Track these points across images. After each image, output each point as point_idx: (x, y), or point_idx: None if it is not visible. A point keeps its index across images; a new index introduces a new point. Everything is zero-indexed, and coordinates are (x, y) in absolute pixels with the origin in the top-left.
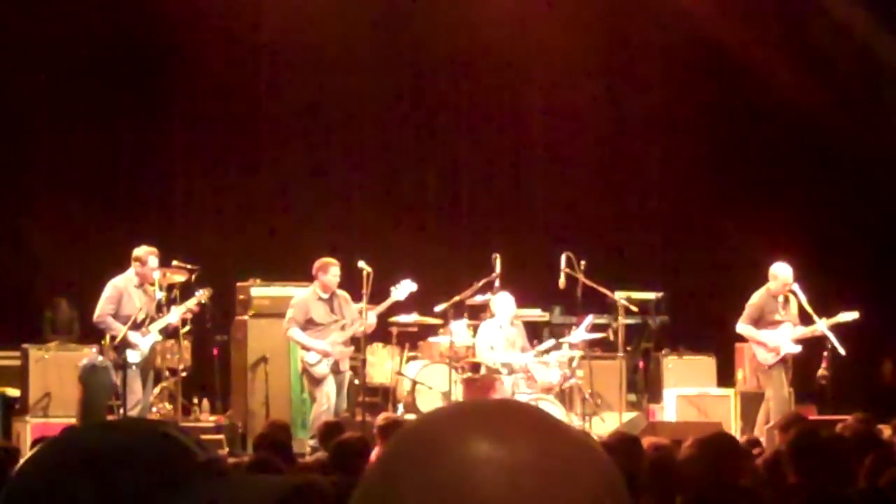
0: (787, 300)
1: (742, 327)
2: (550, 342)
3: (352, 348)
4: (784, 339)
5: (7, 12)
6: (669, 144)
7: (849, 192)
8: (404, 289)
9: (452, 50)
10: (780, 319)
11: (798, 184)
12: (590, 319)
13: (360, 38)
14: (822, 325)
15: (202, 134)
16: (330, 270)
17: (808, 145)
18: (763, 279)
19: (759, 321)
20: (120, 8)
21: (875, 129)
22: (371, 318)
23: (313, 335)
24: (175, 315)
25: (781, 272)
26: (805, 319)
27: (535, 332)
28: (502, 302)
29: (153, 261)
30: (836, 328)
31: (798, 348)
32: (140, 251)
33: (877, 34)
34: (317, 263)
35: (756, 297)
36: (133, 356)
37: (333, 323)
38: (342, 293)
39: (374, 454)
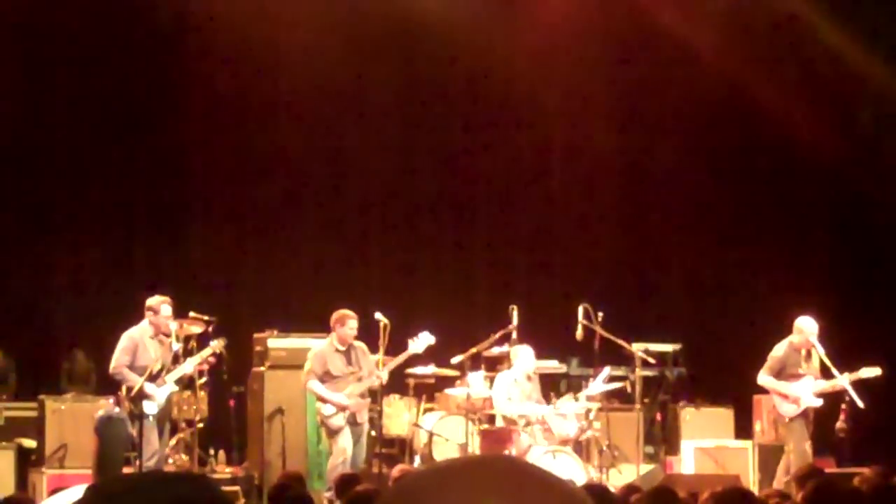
0: (809, 354)
1: (764, 378)
2: (568, 398)
3: (368, 400)
4: (806, 391)
5: (19, 68)
6: (688, 195)
7: (872, 245)
8: (422, 342)
9: (469, 99)
10: (802, 373)
11: (820, 236)
12: (607, 371)
13: (377, 88)
14: (844, 381)
15: (218, 184)
16: (347, 323)
17: (832, 196)
18: (782, 332)
19: (781, 374)
20: (134, 67)
21: None
22: (384, 375)
23: (330, 387)
24: (190, 365)
25: (806, 326)
26: (825, 373)
27: (552, 383)
28: (523, 355)
29: (166, 309)
30: (857, 383)
31: (819, 402)
32: (153, 300)
33: (892, 80)
34: (334, 316)
35: (779, 350)
36: (149, 407)
37: (350, 375)
38: (360, 344)
39: None
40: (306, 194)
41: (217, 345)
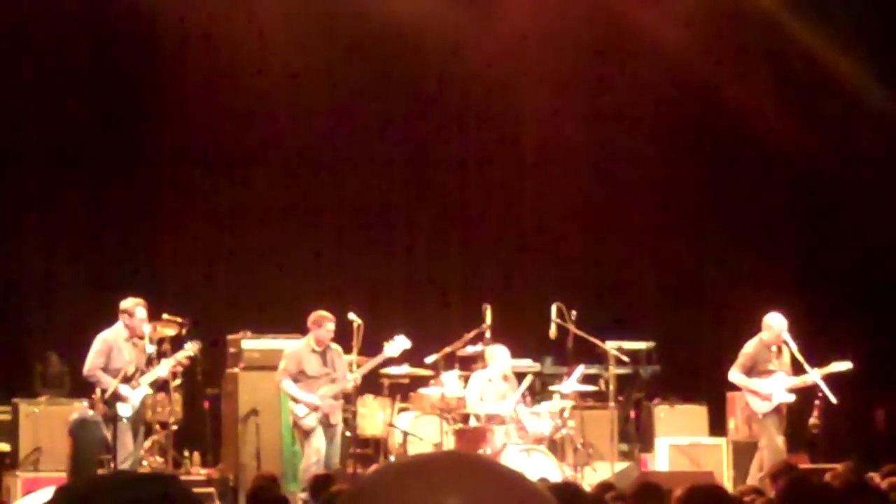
0: (780, 350)
1: (735, 376)
2: (528, 380)
3: (341, 402)
4: (777, 388)
5: None
6: (661, 193)
7: (842, 241)
8: (398, 345)
9: (441, 98)
10: (773, 369)
11: (791, 233)
12: (581, 370)
13: (350, 88)
14: (815, 375)
15: (191, 186)
16: (324, 325)
17: (800, 194)
18: (754, 329)
19: (752, 370)
20: (106, 63)
21: (866, 180)
22: (357, 378)
23: (304, 387)
24: (165, 368)
25: (775, 322)
26: (797, 369)
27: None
28: (498, 354)
29: (141, 312)
30: (829, 377)
31: (792, 397)
32: (127, 303)
33: (862, 80)
34: (312, 316)
35: (750, 347)
36: (124, 410)
37: (324, 376)
38: (335, 347)
39: None
40: (280, 195)
41: (192, 348)
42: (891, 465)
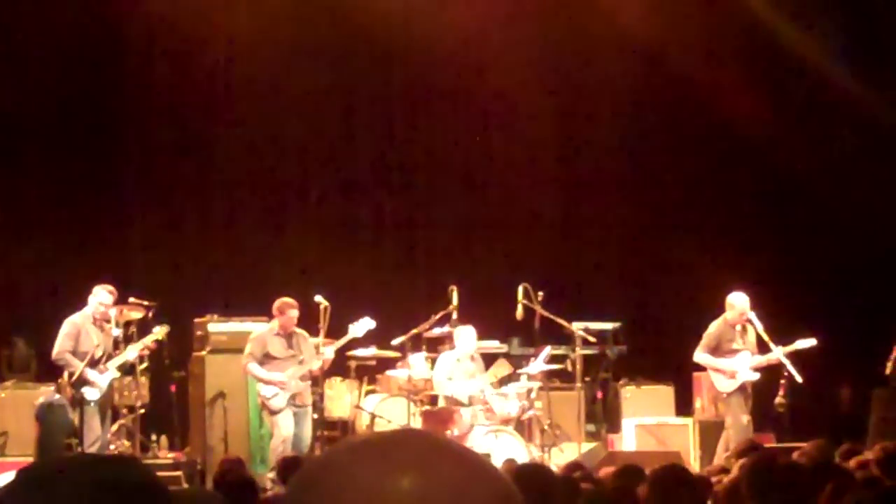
0: (744, 329)
1: (699, 356)
2: (505, 365)
3: (308, 382)
4: (742, 366)
5: None
6: (627, 175)
7: (803, 220)
8: (362, 326)
9: (406, 80)
10: (738, 348)
11: (754, 212)
12: (548, 350)
13: (313, 69)
14: (779, 353)
15: (157, 169)
16: (287, 312)
17: (764, 175)
18: (720, 309)
19: (717, 350)
20: (74, 47)
21: (829, 161)
22: (328, 353)
23: (271, 369)
24: (133, 352)
25: (738, 301)
26: (763, 348)
27: (492, 363)
28: (464, 335)
29: (108, 297)
30: (794, 355)
31: (756, 375)
32: (97, 288)
33: (834, 70)
34: (276, 304)
35: (713, 327)
36: (91, 393)
37: (291, 358)
38: (300, 331)
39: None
40: (246, 177)
41: (160, 331)
42: (848, 445)
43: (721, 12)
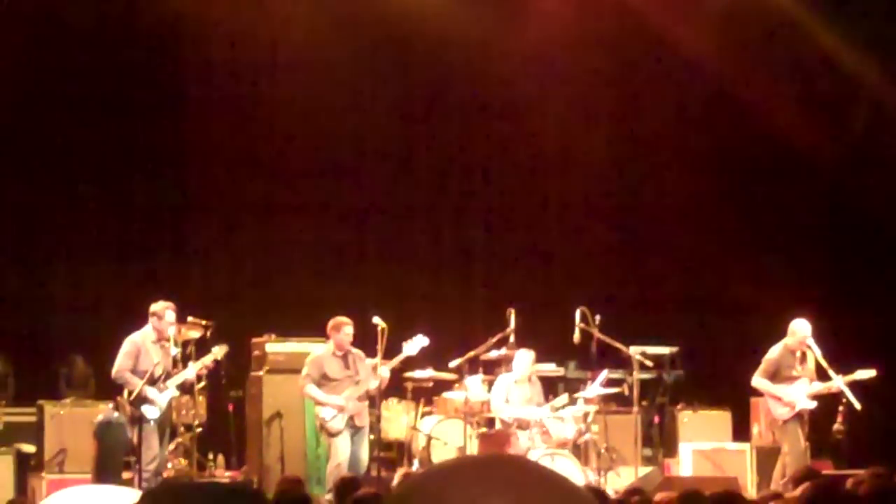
0: (804, 356)
1: (758, 381)
2: (564, 398)
3: (366, 403)
4: (800, 394)
5: (20, 69)
6: (684, 199)
7: (867, 248)
8: (416, 344)
9: (468, 106)
10: (797, 375)
11: (816, 238)
12: (605, 374)
13: (374, 93)
14: (839, 382)
15: (217, 190)
16: (342, 329)
17: (826, 200)
18: (778, 334)
19: (776, 376)
20: (132, 64)
21: (892, 186)
22: (384, 372)
23: (328, 391)
24: (192, 371)
25: (800, 328)
26: (822, 375)
27: (550, 386)
28: (521, 359)
29: (170, 315)
30: (853, 385)
31: (813, 404)
32: (157, 306)
33: (888, 88)
34: (330, 323)
35: (774, 352)
36: (151, 412)
37: (348, 378)
38: (357, 351)
39: None
40: (304, 198)
41: (218, 351)
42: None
43: (780, 39)
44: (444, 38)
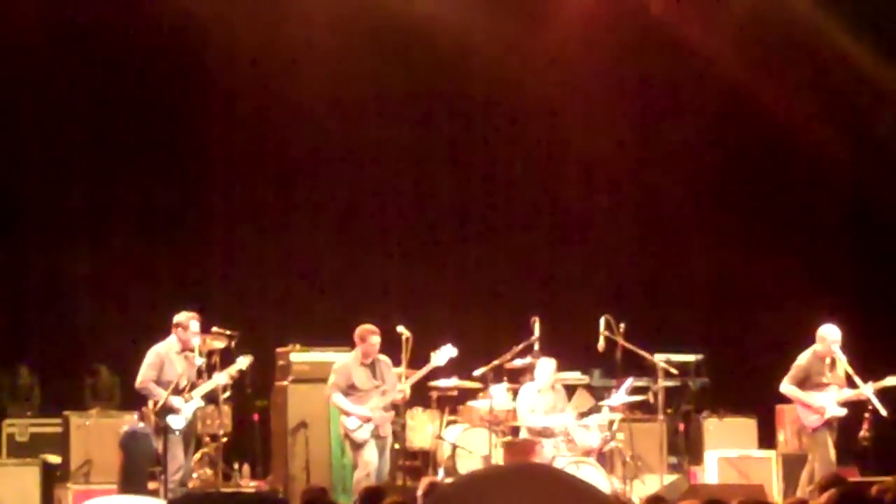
0: (833, 363)
1: (786, 387)
2: (586, 400)
3: (392, 413)
4: (829, 401)
5: (43, 70)
6: (708, 206)
7: (894, 252)
8: (444, 354)
9: (488, 110)
10: (827, 382)
11: (843, 244)
12: (629, 382)
13: (396, 102)
14: (867, 390)
15: (240, 200)
16: (369, 339)
17: (853, 205)
18: (802, 341)
19: (805, 382)
20: (157, 74)
21: None
22: (405, 388)
23: (354, 400)
24: (224, 377)
25: (829, 334)
26: (848, 382)
27: (573, 394)
28: (543, 367)
29: (195, 325)
30: (881, 392)
31: (843, 411)
32: (181, 316)
33: None
34: (357, 331)
35: (803, 359)
36: (176, 422)
37: (374, 389)
38: (384, 358)
39: None
40: (328, 207)
41: (244, 362)
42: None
43: (801, 43)
44: (466, 44)
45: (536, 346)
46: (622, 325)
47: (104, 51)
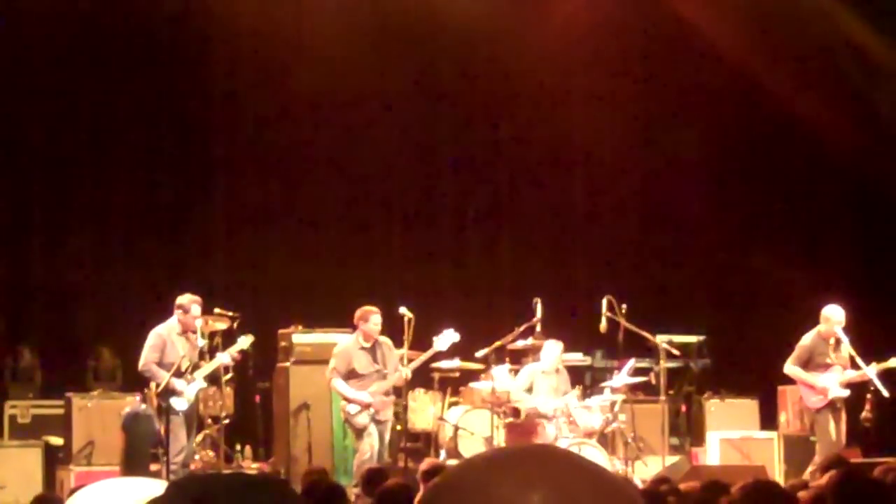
0: (837, 343)
1: (790, 368)
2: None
3: (392, 398)
4: (832, 382)
5: (46, 67)
6: (710, 187)
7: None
8: (446, 339)
9: (492, 96)
10: (830, 362)
11: (845, 226)
12: (632, 363)
13: (399, 87)
14: (871, 371)
15: (242, 181)
16: (371, 319)
17: (854, 187)
18: (805, 322)
19: (809, 363)
20: (161, 59)
21: None
22: (406, 372)
23: (355, 385)
24: (226, 356)
25: (833, 314)
26: (852, 363)
27: (576, 376)
28: (549, 349)
29: (196, 309)
30: (884, 373)
31: (846, 392)
32: (183, 299)
33: None
34: (358, 312)
35: (807, 339)
36: (179, 403)
37: (375, 373)
38: (385, 340)
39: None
40: (329, 189)
41: (245, 341)
42: None
43: (805, 24)
44: (469, 29)
45: (538, 328)
46: (624, 306)
47: (104, 50)
